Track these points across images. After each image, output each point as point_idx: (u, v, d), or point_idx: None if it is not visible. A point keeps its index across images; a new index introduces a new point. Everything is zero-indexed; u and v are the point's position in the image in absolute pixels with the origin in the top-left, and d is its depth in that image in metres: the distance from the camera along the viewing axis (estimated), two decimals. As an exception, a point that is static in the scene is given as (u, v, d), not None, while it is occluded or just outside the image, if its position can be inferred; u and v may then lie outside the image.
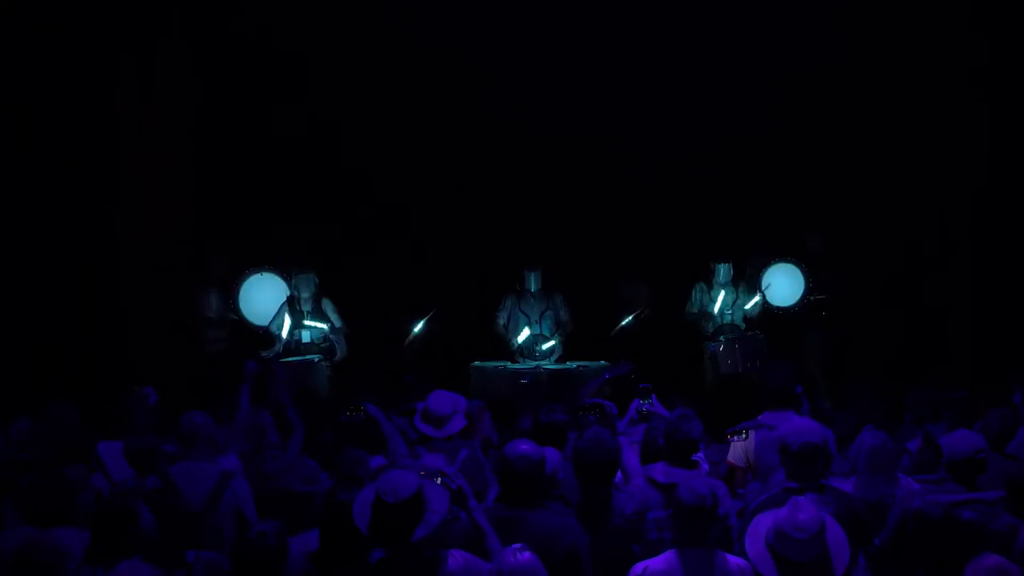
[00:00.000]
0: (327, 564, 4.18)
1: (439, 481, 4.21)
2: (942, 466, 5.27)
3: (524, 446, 4.53)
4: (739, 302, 9.37)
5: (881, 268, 9.75)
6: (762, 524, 4.12)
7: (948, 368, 8.54)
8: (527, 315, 9.37)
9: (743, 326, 9.29)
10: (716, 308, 9.29)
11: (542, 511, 4.46)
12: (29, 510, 4.71)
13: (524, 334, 9.24)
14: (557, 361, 9.22)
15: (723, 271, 9.36)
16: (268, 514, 4.53)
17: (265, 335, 9.06)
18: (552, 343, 9.30)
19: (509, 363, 9.15)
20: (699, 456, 5.35)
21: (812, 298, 9.38)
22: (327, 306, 9.14)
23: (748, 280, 9.42)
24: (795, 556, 3.94)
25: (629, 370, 7.02)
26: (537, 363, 9.10)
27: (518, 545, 3.92)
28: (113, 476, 5.65)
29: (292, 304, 9.08)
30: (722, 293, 9.32)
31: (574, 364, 9.02)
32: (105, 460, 5.76)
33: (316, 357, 8.88)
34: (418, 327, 8.99)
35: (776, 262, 9.45)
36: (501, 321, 9.41)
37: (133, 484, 5.05)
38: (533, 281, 9.36)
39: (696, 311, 9.41)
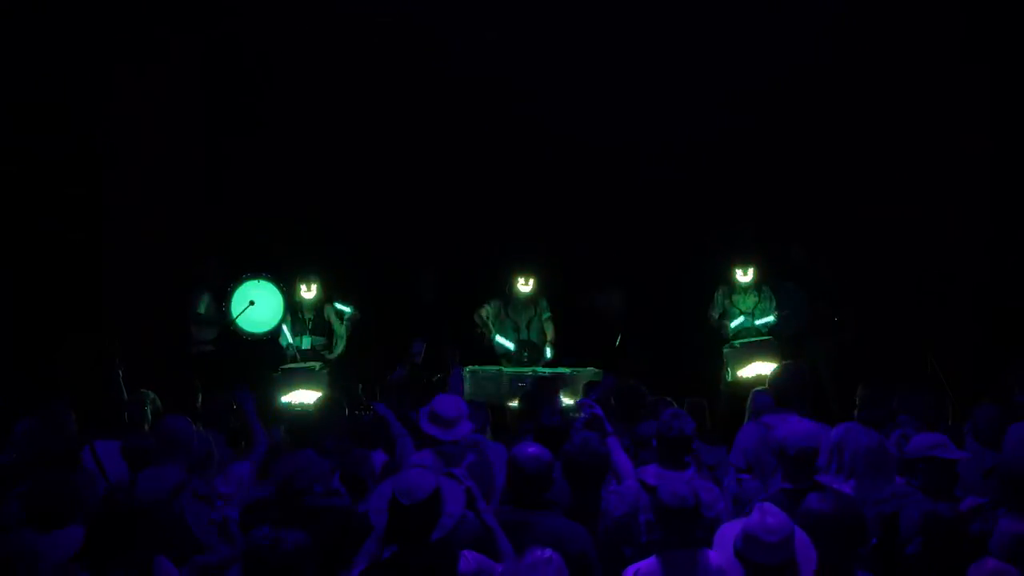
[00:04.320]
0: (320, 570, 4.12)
1: None
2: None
3: (533, 448, 4.55)
4: (760, 307, 9.27)
5: (882, 270, 9.76)
6: (730, 531, 4.14)
7: (948, 371, 8.57)
8: (514, 320, 9.37)
9: (765, 330, 9.15)
10: (736, 317, 9.25)
11: (549, 514, 4.48)
12: (29, 513, 4.64)
13: (507, 343, 9.25)
14: (549, 365, 9.16)
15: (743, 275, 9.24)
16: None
17: (258, 342, 9.06)
18: (548, 354, 9.29)
19: (503, 367, 9.10)
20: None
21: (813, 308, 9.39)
22: (331, 311, 9.16)
23: (765, 295, 9.31)
24: (764, 559, 3.94)
25: (615, 381, 7.07)
26: (531, 367, 9.04)
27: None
28: (110, 476, 5.66)
29: (294, 312, 9.09)
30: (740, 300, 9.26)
31: (568, 370, 8.92)
32: (103, 459, 5.77)
33: (317, 365, 8.88)
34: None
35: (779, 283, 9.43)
36: (484, 313, 9.31)
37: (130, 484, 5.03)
38: (522, 287, 9.30)
39: (718, 315, 9.33)
